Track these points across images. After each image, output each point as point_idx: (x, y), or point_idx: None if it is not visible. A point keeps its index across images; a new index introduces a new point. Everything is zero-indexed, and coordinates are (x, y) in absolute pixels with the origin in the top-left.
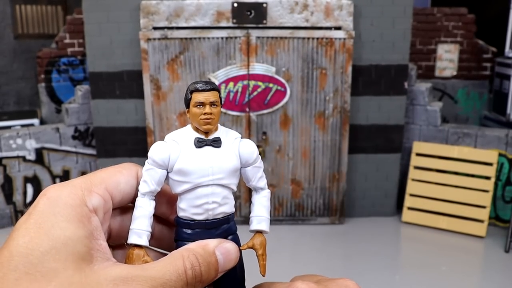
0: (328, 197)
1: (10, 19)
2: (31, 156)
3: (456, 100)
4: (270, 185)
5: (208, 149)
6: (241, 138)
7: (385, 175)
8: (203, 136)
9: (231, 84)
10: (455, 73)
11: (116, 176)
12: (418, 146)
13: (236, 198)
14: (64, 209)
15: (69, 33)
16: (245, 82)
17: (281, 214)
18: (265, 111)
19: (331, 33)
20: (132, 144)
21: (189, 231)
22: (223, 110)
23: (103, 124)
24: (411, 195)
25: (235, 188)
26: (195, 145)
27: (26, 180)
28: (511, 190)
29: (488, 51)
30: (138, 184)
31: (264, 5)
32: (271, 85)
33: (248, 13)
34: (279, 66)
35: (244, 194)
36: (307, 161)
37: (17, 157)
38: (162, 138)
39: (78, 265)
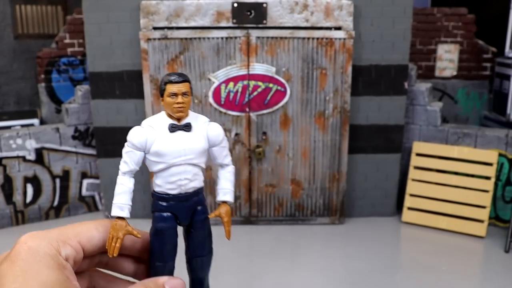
0: (328, 197)
1: (10, 19)
2: (31, 156)
3: (456, 100)
4: (270, 185)
5: (180, 133)
6: (209, 122)
7: (385, 175)
8: (176, 122)
9: (231, 84)
10: (455, 73)
11: (91, 232)
12: (418, 146)
13: (236, 198)
14: (44, 257)
15: (69, 33)
16: (245, 82)
17: (281, 214)
18: (265, 111)
19: (331, 33)
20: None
21: (164, 203)
22: (223, 110)
23: (103, 124)
24: (411, 195)
25: (204, 166)
26: (169, 130)
27: (26, 180)
28: (511, 190)
29: (488, 51)
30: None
31: (264, 5)
32: (271, 85)
33: (248, 13)
34: (279, 66)
35: (244, 195)
36: (307, 161)
37: (17, 157)
38: None
39: None
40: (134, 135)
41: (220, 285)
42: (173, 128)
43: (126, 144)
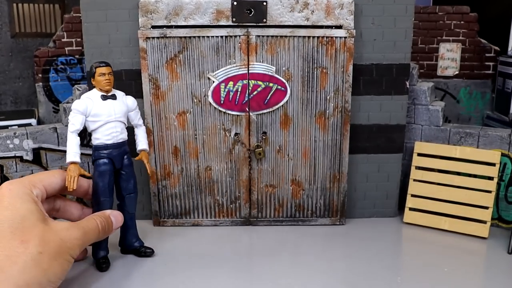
0: (329, 198)
1: (7, 18)
2: (29, 156)
3: (458, 99)
4: (270, 186)
5: (109, 101)
6: (125, 95)
7: (387, 175)
8: (105, 94)
9: (230, 83)
10: (457, 72)
11: (51, 178)
12: (420, 146)
13: (236, 199)
14: (23, 195)
15: (66, 32)
16: (245, 82)
17: (281, 215)
18: (265, 111)
19: (331, 32)
20: (130, 144)
21: (104, 151)
22: (222, 109)
23: None
24: (413, 195)
25: (126, 124)
26: (101, 99)
27: None
28: None
29: (491, 50)
30: (63, 184)
31: (264, 3)
32: (271, 84)
33: (248, 11)
34: (279, 65)
35: (243, 195)
36: (307, 161)
37: (14, 157)
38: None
39: (43, 222)
40: (79, 104)
41: (220, 285)
42: (104, 97)
43: (72, 112)
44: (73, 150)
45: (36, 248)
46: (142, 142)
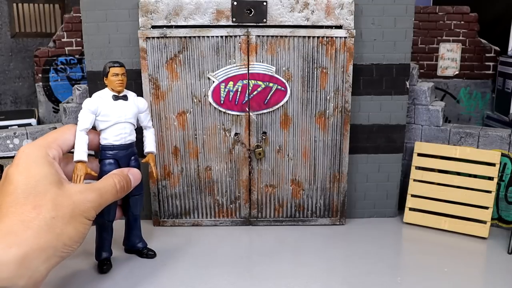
0: (329, 198)
1: (7, 18)
2: None
3: (459, 99)
4: (270, 186)
5: (121, 101)
6: (136, 96)
7: (387, 175)
8: (117, 94)
9: (230, 83)
10: (457, 72)
11: (64, 136)
12: (420, 146)
13: (236, 199)
14: (38, 158)
15: (66, 31)
16: (245, 82)
17: (281, 215)
18: (265, 111)
19: (332, 32)
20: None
21: (110, 152)
22: (222, 109)
23: None
24: (413, 195)
25: (136, 125)
26: (113, 99)
27: None
28: None
29: (491, 50)
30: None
31: (264, 3)
32: (271, 84)
33: (248, 11)
34: (279, 65)
35: (243, 195)
36: (307, 161)
37: (14, 157)
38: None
39: (56, 186)
40: (90, 104)
41: (220, 285)
42: (116, 98)
43: (82, 110)
44: (81, 149)
45: (49, 213)
46: (150, 144)
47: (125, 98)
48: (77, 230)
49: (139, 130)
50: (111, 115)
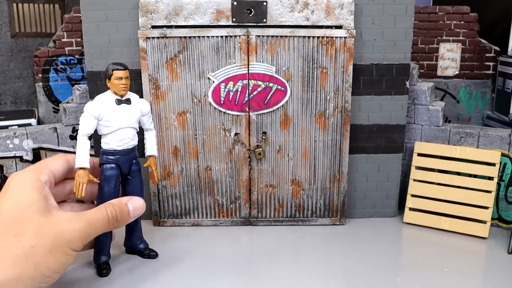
0: (329, 198)
1: (7, 18)
2: (29, 157)
3: (459, 99)
4: (270, 186)
5: (124, 105)
6: (139, 98)
7: (387, 175)
8: (120, 98)
9: (230, 83)
10: (457, 72)
11: (55, 163)
12: (420, 146)
13: (236, 199)
14: (27, 185)
15: (66, 32)
16: (245, 82)
17: (281, 215)
18: (265, 111)
19: (332, 32)
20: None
21: (112, 157)
22: (222, 109)
23: None
24: (413, 195)
25: (138, 129)
26: (116, 103)
27: None
28: None
29: (491, 50)
30: (68, 166)
31: (264, 3)
32: (271, 84)
33: (248, 11)
34: (279, 65)
35: (243, 195)
36: (307, 161)
37: (14, 157)
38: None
39: (42, 214)
40: (92, 108)
41: (220, 285)
42: (119, 102)
43: (84, 114)
44: (83, 155)
45: (29, 241)
46: (151, 148)
47: (128, 102)
48: (58, 261)
49: (140, 131)
50: (114, 120)
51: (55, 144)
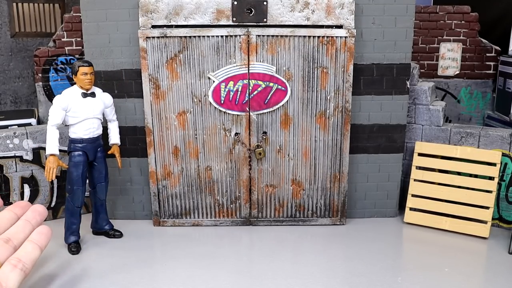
0: (329, 198)
1: (7, 17)
2: (28, 156)
3: (459, 99)
4: (270, 186)
5: (89, 98)
6: (102, 92)
7: (387, 175)
8: (85, 91)
9: (231, 83)
10: (458, 72)
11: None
12: (420, 146)
13: (236, 198)
14: None
15: (66, 31)
16: (245, 81)
17: (281, 215)
18: (265, 111)
19: (332, 31)
20: (130, 143)
21: (79, 145)
22: (223, 109)
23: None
24: (413, 195)
25: (102, 120)
26: (82, 96)
27: (23, 180)
28: None
29: (492, 50)
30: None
31: (265, 3)
32: (271, 84)
33: (248, 11)
34: (280, 65)
35: (244, 195)
36: (308, 161)
37: (14, 157)
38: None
39: None
40: (60, 101)
41: (220, 285)
42: (85, 95)
43: (53, 106)
44: (53, 143)
45: None
46: (114, 137)
47: (93, 95)
48: None
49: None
50: (80, 111)
51: None
